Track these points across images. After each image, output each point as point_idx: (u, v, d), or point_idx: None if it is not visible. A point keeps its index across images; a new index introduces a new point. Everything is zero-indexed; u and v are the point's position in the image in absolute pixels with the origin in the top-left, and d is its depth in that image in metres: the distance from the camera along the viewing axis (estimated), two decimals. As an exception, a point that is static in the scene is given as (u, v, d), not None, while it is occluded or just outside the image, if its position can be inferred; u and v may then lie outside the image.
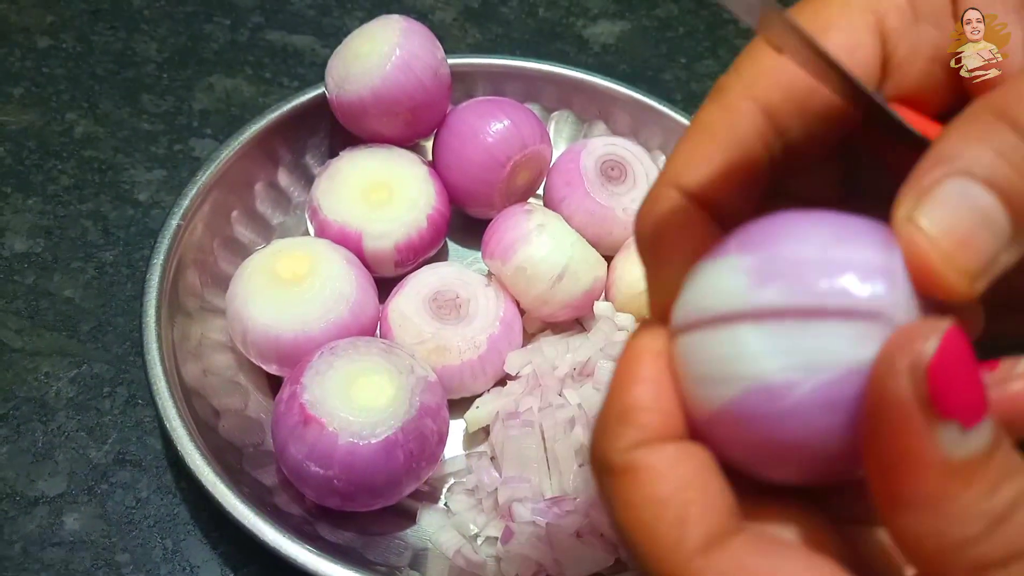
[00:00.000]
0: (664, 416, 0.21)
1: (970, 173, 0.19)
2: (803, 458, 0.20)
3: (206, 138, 0.58)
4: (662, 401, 0.21)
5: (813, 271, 0.19)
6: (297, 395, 0.39)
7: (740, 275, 0.20)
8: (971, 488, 0.17)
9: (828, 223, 0.20)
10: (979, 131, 0.19)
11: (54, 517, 0.42)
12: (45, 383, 0.46)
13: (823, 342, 0.19)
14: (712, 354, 0.20)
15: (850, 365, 0.18)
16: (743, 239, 0.21)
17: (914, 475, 0.17)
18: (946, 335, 0.17)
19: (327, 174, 0.49)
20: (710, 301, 0.20)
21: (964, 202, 0.19)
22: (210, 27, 0.65)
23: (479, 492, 0.43)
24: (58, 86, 0.60)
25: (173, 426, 0.39)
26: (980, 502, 0.17)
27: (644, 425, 0.21)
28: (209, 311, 0.47)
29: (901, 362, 0.17)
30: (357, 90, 0.48)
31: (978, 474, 0.17)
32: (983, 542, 0.17)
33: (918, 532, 0.18)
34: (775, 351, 0.19)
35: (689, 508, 0.20)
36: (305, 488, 0.40)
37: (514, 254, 0.46)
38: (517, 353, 0.46)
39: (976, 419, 0.17)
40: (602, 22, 0.70)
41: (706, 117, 0.25)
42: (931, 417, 0.17)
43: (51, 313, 0.49)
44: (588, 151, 0.52)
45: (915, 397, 0.17)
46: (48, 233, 0.52)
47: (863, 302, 0.19)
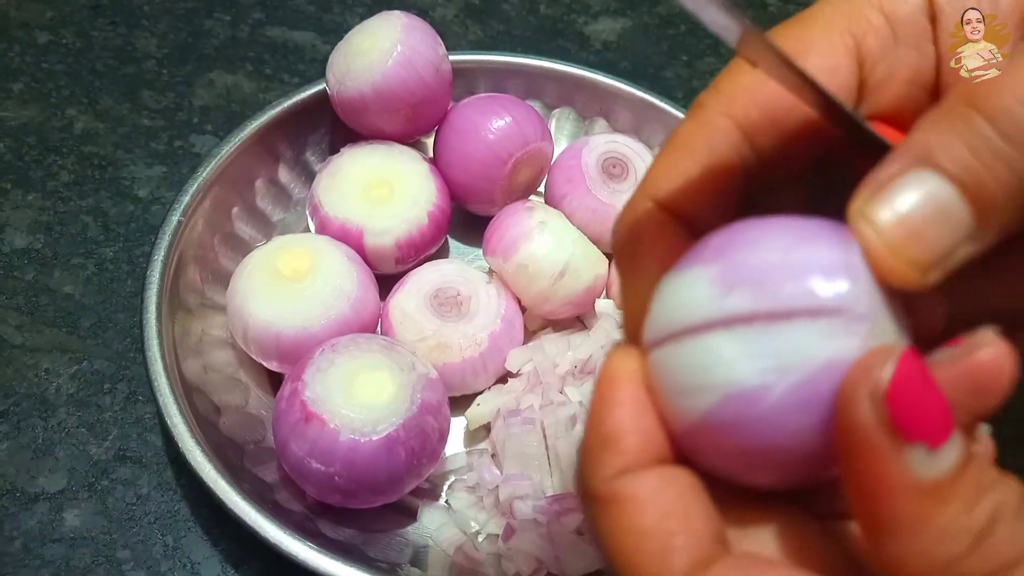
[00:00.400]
0: (645, 438, 0.21)
1: (930, 164, 0.19)
2: (783, 460, 0.20)
3: (206, 134, 0.58)
4: (642, 423, 0.21)
5: (776, 274, 0.20)
6: (298, 392, 0.39)
7: (706, 285, 0.20)
8: (948, 507, 0.17)
9: (787, 227, 0.21)
10: (948, 122, 0.19)
11: (54, 513, 0.42)
12: (45, 379, 0.46)
13: (792, 342, 0.19)
14: (686, 365, 0.20)
15: (819, 362, 0.19)
16: (706, 249, 0.21)
17: (889, 500, 0.17)
18: (901, 360, 0.17)
19: (328, 171, 0.49)
20: (679, 313, 0.21)
21: (919, 194, 0.19)
22: (210, 23, 0.65)
23: (480, 489, 0.43)
24: (58, 82, 0.60)
25: (174, 423, 0.39)
26: (959, 519, 0.17)
27: (625, 451, 0.21)
28: (210, 307, 0.47)
29: (861, 391, 0.18)
30: (358, 86, 0.48)
31: (953, 492, 0.17)
32: (969, 559, 0.17)
33: (903, 556, 0.18)
34: (747, 355, 0.19)
35: (672, 539, 0.20)
36: (306, 485, 0.40)
37: (516, 251, 0.46)
38: (518, 350, 0.46)
39: (942, 438, 0.17)
40: (603, 19, 0.70)
41: (684, 132, 0.25)
42: (896, 442, 0.17)
43: (51, 309, 0.49)
44: (590, 148, 0.52)
45: (878, 424, 0.17)
46: (48, 229, 0.52)
47: (826, 300, 0.19)
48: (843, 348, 0.19)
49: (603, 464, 0.21)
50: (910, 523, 0.17)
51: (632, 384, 0.21)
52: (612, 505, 0.20)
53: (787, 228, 0.21)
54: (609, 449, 0.21)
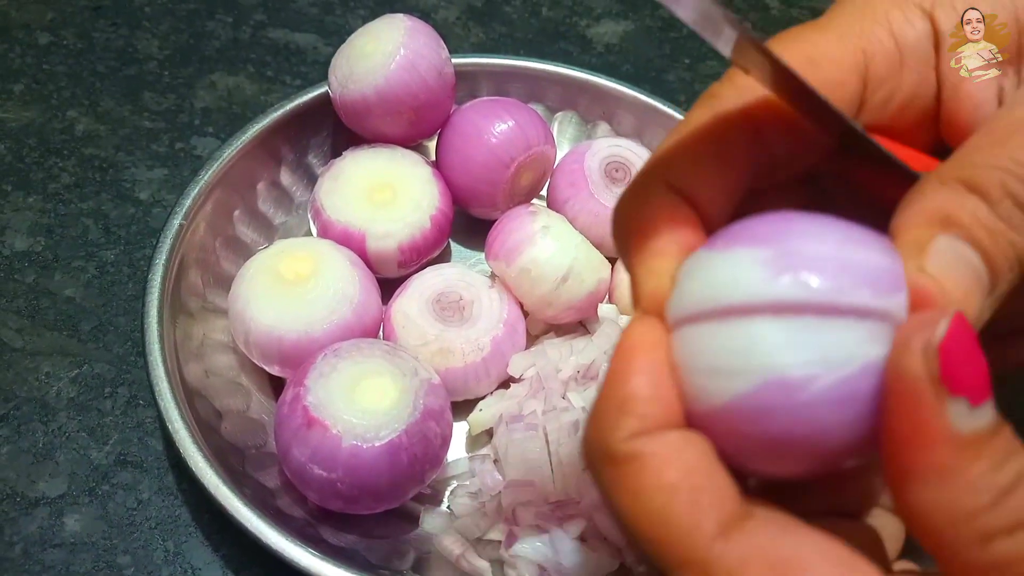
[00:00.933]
0: (664, 405, 0.21)
1: (962, 230, 0.21)
2: (807, 452, 0.20)
3: (208, 136, 0.58)
4: (661, 391, 0.21)
5: (831, 268, 0.20)
6: (300, 397, 0.39)
7: (756, 266, 0.20)
8: (979, 461, 0.18)
9: (836, 225, 0.21)
10: (953, 195, 0.21)
11: (55, 518, 0.42)
12: (46, 383, 0.46)
13: (840, 339, 0.19)
14: (724, 345, 0.20)
15: (864, 362, 0.19)
16: (751, 232, 0.21)
17: (928, 448, 0.18)
18: (954, 320, 0.19)
19: (330, 174, 0.49)
20: (721, 291, 0.20)
21: (960, 258, 0.21)
22: (212, 24, 0.64)
23: (482, 495, 0.42)
24: (59, 83, 0.59)
25: (175, 427, 0.39)
26: (987, 475, 0.18)
27: (645, 414, 0.21)
28: (211, 311, 0.46)
29: (916, 343, 0.19)
30: (361, 89, 0.48)
31: (985, 449, 0.18)
32: (991, 512, 0.18)
33: (931, 503, 0.19)
34: (794, 345, 0.19)
35: (701, 493, 0.20)
36: (308, 491, 0.39)
37: (518, 256, 0.46)
38: (521, 355, 0.46)
39: (982, 398, 0.19)
40: (606, 22, 0.70)
41: (696, 119, 0.25)
42: (942, 393, 0.18)
43: (52, 312, 0.49)
44: (592, 152, 0.52)
45: (927, 375, 0.18)
46: (49, 231, 0.52)
47: (878, 304, 0.19)
48: (885, 352, 0.19)
49: (621, 426, 0.21)
50: (944, 472, 0.18)
51: (654, 352, 0.21)
52: (633, 463, 0.20)
53: (835, 225, 0.21)
54: (627, 412, 0.21)
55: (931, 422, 0.18)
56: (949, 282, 0.20)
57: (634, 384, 0.21)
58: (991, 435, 0.19)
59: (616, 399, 0.21)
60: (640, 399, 0.21)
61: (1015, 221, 0.21)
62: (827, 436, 0.20)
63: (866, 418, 0.20)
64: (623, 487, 0.21)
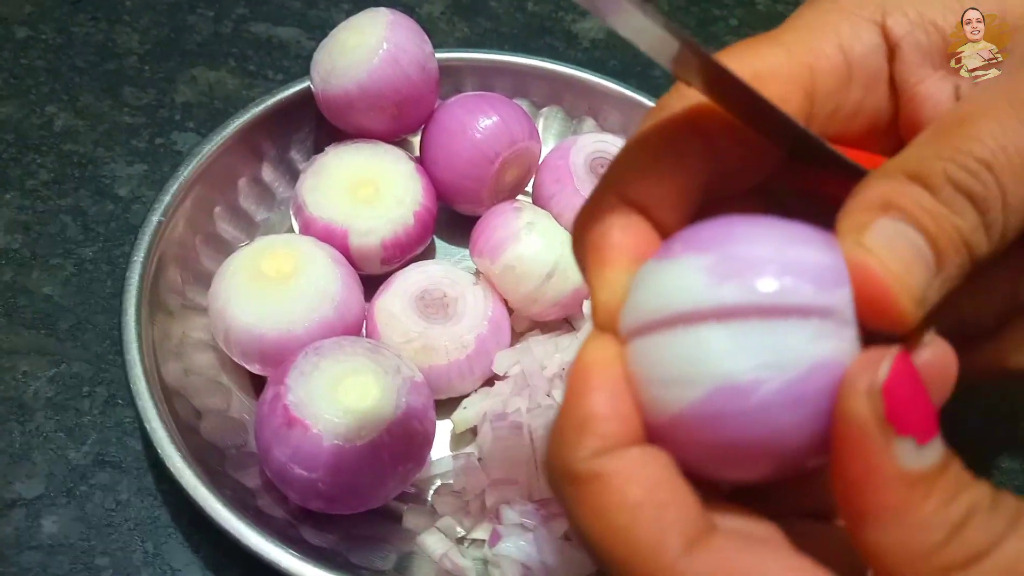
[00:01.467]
0: (623, 422, 0.21)
1: (903, 213, 0.21)
2: (765, 455, 0.20)
3: (188, 132, 0.57)
4: (620, 408, 0.21)
5: (771, 269, 0.20)
6: (281, 396, 0.38)
7: (698, 273, 0.20)
8: (930, 499, 0.19)
9: (777, 226, 0.21)
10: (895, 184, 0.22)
11: (32, 520, 0.41)
12: (23, 382, 0.45)
13: (786, 340, 0.19)
14: (674, 355, 0.20)
15: (811, 361, 0.19)
16: (695, 239, 0.21)
17: (878, 489, 0.19)
18: (897, 359, 0.19)
19: (312, 170, 0.49)
20: (667, 300, 0.20)
21: (901, 235, 0.21)
22: (193, 18, 0.64)
23: (466, 494, 0.42)
24: (37, 78, 0.58)
25: (153, 427, 0.39)
26: (939, 512, 0.19)
27: (604, 433, 0.21)
28: (191, 309, 0.46)
29: (860, 385, 0.19)
30: (343, 84, 0.47)
31: (935, 486, 0.19)
32: (945, 549, 0.18)
33: (886, 544, 0.19)
34: (740, 350, 0.19)
35: (664, 510, 0.20)
36: (289, 491, 0.39)
37: (503, 252, 0.46)
38: (505, 353, 0.46)
39: (929, 435, 0.19)
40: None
41: (647, 131, 0.25)
42: (889, 433, 0.19)
43: (29, 311, 0.48)
44: (578, 148, 0.51)
45: (873, 416, 0.19)
46: (26, 228, 0.51)
47: (822, 299, 0.20)
48: (834, 350, 0.19)
49: (581, 445, 0.21)
50: (895, 511, 0.19)
51: (610, 369, 0.21)
52: (595, 482, 0.20)
53: (775, 227, 0.21)
54: (587, 431, 0.21)
55: (879, 463, 0.19)
56: (889, 256, 0.20)
57: (592, 402, 0.21)
58: (940, 471, 0.19)
59: (575, 418, 0.21)
60: (599, 417, 0.21)
61: (957, 206, 0.21)
62: (783, 438, 0.20)
63: (820, 417, 0.20)
64: (586, 506, 0.21)
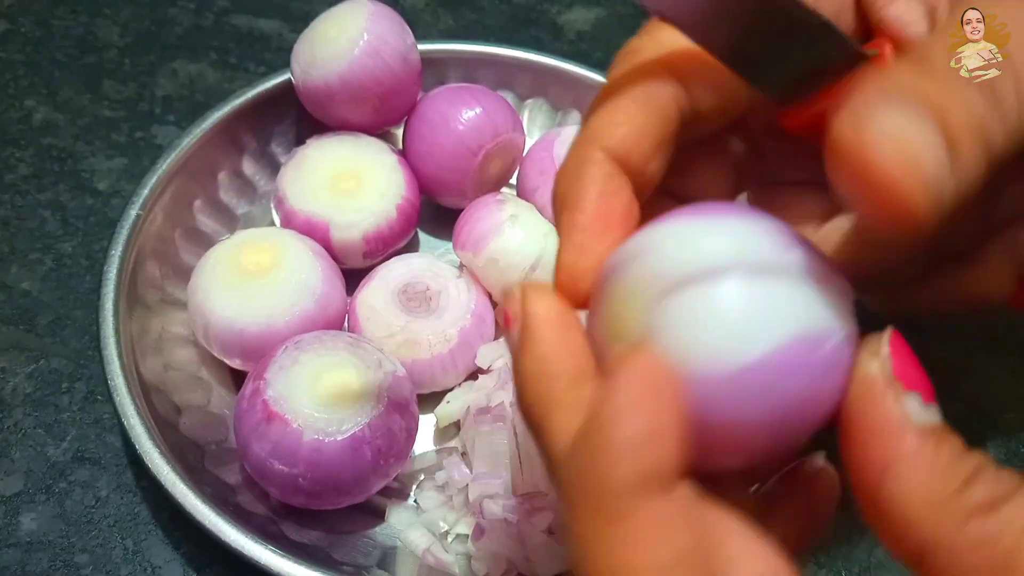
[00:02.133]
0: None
1: (909, 96, 0.20)
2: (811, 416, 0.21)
3: (168, 125, 0.56)
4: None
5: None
6: (260, 391, 0.38)
7: (755, 235, 0.21)
8: (942, 449, 0.20)
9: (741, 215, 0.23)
10: (901, 69, 0.21)
11: (10, 517, 0.41)
12: (1, 378, 0.45)
13: (835, 300, 0.21)
14: (735, 307, 0.20)
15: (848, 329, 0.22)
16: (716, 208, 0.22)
17: (895, 439, 0.20)
18: (892, 334, 0.21)
19: (293, 163, 0.48)
20: (714, 257, 0.21)
21: (908, 122, 0.20)
22: (174, 11, 0.63)
23: (449, 489, 0.42)
24: (16, 71, 0.58)
25: (131, 424, 0.38)
26: (952, 463, 0.20)
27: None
28: (170, 304, 0.45)
29: (868, 352, 0.21)
30: (324, 76, 0.47)
31: (945, 440, 0.20)
32: (963, 494, 0.19)
33: (906, 490, 0.20)
34: (815, 304, 0.21)
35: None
36: (269, 487, 0.39)
37: (486, 245, 0.45)
38: (489, 346, 0.45)
39: (930, 398, 0.20)
40: (577, 8, 0.69)
41: (623, 80, 0.25)
42: (898, 387, 0.20)
43: (8, 306, 0.47)
44: (562, 140, 0.51)
45: (883, 374, 0.20)
46: (5, 224, 0.51)
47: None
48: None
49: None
50: (911, 457, 0.20)
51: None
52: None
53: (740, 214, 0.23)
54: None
55: (893, 414, 0.20)
56: (894, 145, 0.19)
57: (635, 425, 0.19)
58: (945, 432, 0.20)
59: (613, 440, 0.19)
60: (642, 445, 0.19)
61: (969, 88, 0.21)
62: (828, 397, 0.21)
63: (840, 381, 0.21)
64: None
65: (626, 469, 0.19)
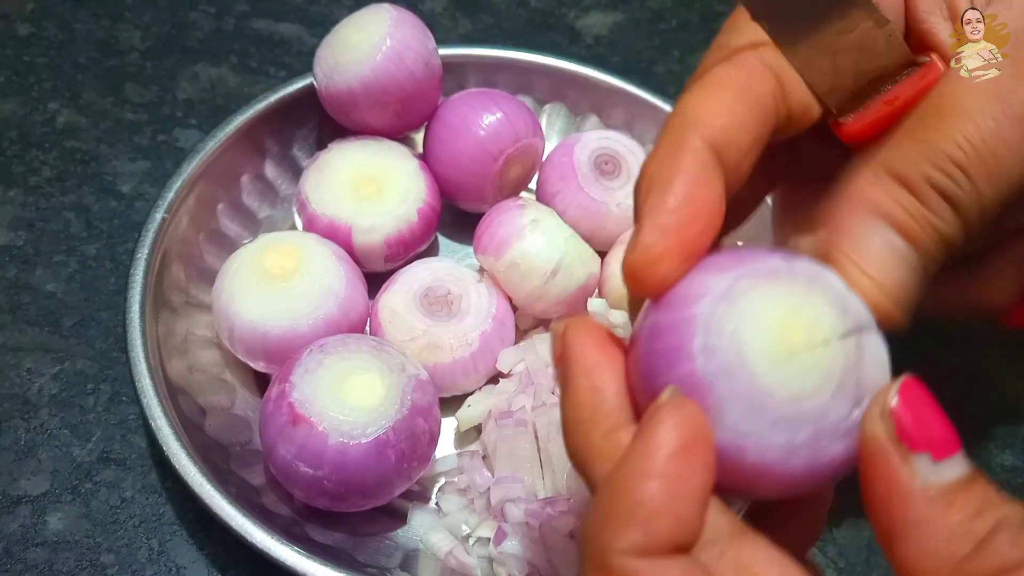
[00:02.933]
0: (675, 521, 0.20)
1: (890, 219, 0.24)
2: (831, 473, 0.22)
3: (191, 128, 0.57)
4: (677, 503, 0.20)
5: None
6: (286, 394, 0.38)
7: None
8: (953, 511, 0.19)
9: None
10: (885, 189, 0.24)
11: (37, 517, 0.41)
12: (27, 379, 0.45)
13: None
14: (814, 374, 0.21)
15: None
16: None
17: (901, 503, 0.20)
18: (903, 384, 0.21)
19: (315, 167, 0.48)
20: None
21: (891, 248, 0.24)
22: (195, 15, 0.64)
23: (471, 492, 0.42)
24: (39, 75, 0.58)
25: (158, 425, 0.39)
26: (964, 524, 0.19)
27: (652, 530, 0.19)
28: (195, 306, 0.46)
29: (875, 411, 0.21)
30: (346, 81, 0.47)
31: (958, 500, 0.20)
32: (973, 560, 0.19)
33: (914, 556, 0.20)
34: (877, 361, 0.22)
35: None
36: (294, 488, 0.39)
37: (507, 249, 0.45)
38: (510, 350, 0.46)
39: (946, 452, 0.20)
40: (594, 13, 0.69)
41: (719, 71, 0.25)
42: (904, 450, 0.20)
43: (33, 308, 0.48)
44: (582, 145, 0.51)
45: (888, 436, 0.20)
46: (30, 226, 0.51)
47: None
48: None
49: (624, 536, 0.20)
50: (918, 524, 0.19)
51: (689, 445, 0.20)
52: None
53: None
54: (634, 521, 0.19)
55: (899, 478, 0.20)
56: (884, 277, 0.23)
57: (648, 489, 0.19)
58: (963, 487, 0.20)
59: (624, 500, 0.20)
60: (651, 511, 0.19)
61: (938, 209, 0.23)
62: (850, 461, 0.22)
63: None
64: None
65: (633, 536, 0.19)
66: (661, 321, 0.22)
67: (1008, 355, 0.51)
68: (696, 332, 0.21)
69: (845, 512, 0.43)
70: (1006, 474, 0.47)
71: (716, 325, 0.21)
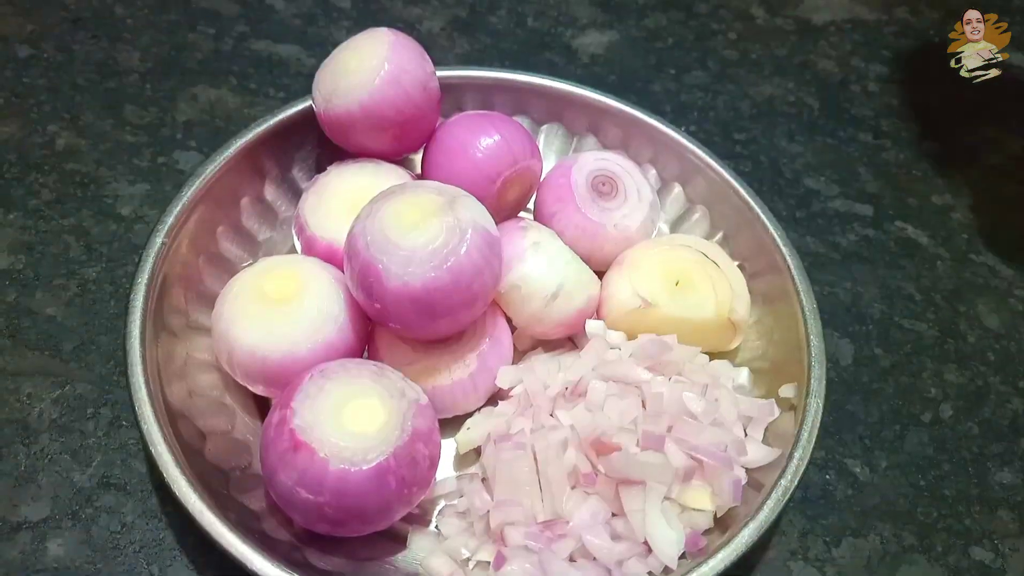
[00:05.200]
0: None
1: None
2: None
3: (190, 150, 0.57)
4: None
5: None
6: (287, 420, 0.38)
7: None
8: None
9: None
10: None
11: (37, 543, 0.41)
12: (27, 404, 0.46)
13: None
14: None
15: None
16: None
17: None
18: None
19: (314, 189, 0.49)
20: None
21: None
22: (194, 36, 0.64)
23: (471, 515, 0.42)
24: (39, 97, 0.59)
25: (158, 451, 0.39)
26: None
27: None
28: (194, 330, 0.46)
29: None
30: (345, 104, 0.47)
31: None
32: None
33: None
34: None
35: None
36: (294, 514, 0.39)
37: (509, 272, 0.46)
38: (509, 368, 0.46)
39: None
40: (591, 32, 0.69)
41: None
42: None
43: (33, 332, 0.48)
44: (579, 166, 0.51)
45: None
46: (29, 249, 0.51)
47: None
48: None
49: None
50: None
51: None
52: None
53: None
54: None
55: None
56: None
57: None
58: None
59: None
60: None
61: None
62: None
63: None
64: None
65: None
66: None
67: (1006, 373, 0.52)
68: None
69: (844, 532, 0.43)
70: (1005, 492, 0.47)
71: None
